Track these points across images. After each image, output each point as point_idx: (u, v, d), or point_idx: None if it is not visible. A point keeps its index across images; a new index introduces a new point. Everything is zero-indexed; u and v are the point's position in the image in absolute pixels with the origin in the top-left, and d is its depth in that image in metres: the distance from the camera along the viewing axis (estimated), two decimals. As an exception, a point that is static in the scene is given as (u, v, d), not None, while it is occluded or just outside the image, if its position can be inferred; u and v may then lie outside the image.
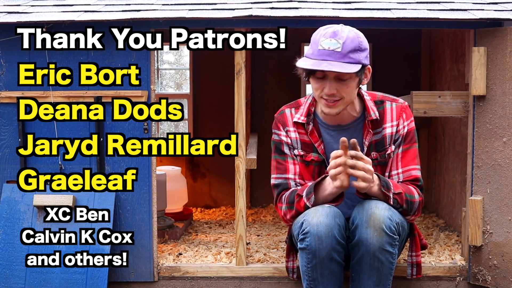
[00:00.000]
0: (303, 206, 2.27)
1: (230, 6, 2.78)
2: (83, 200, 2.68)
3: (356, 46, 2.15)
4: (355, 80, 2.21)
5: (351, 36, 2.16)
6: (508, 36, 2.56)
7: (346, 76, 2.17)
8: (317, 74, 2.20)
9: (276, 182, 2.42)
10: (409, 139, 2.38)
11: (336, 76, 2.17)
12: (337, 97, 2.20)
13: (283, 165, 2.42)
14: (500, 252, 2.63)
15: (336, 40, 2.14)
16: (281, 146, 2.43)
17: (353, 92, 2.24)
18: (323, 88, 2.21)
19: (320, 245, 2.14)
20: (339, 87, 2.19)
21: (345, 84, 2.19)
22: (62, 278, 2.60)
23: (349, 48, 2.14)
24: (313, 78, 2.23)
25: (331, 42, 2.14)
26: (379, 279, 2.19)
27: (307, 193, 2.26)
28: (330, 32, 2.17)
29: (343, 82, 2.19)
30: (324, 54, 2.14)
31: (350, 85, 2.20)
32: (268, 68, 4.39)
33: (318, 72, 2.18)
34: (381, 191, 2.20)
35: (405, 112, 2.38)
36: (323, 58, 2.14)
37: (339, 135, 2.35)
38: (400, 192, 2.25)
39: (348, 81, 2.19)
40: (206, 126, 4.42)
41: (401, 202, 2.25)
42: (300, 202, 2.28)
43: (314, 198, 2.25)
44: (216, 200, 4.47)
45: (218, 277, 2.79)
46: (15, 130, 2.71)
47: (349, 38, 2.15)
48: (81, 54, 2.68)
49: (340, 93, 2.20)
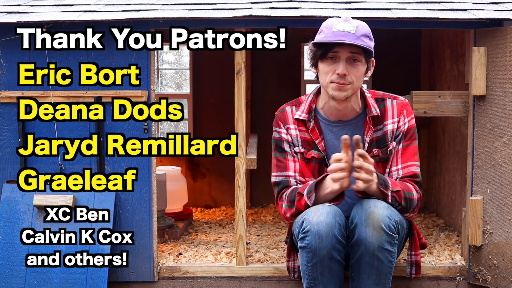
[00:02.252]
0: (304, 204, 2.27)
1: (230, 6, 2.79)
2: (83, 200, 2.68)
3: (367, 32, 2.26)
4: (364, 66, 2.28)
5: (362, 23, 2.28)
6: (508, 36, 2.56)
7: (358, 59, 2.24)
8: (329, 55, 2.24)
9: (277, 180, 2.42)
10: (410, 135, 2.39)
11: (349, 57, 2.23)
12: (347, 80, 2.24)
13: (283, 162, 2.42)
14: (500, 252, 2.63)
15: (350, 23, 2.23)
16: (281, 143, 2.43)
17: (361, 78, 2.30)
18: (334, 70, 2.24)
19: (321, 244, 2.14)
20: (350, 69, 2.24)
21: (356, 67, 2.25)
22: (62, 278, 2.60)
23: (362, 32, 2.24)
24: (323, 61, 2.27)
25: (345, 24, 2.23)
26: (378, 278, 2.19)
27: (308, 192, 2.26)
28: (343, 18, 2.27)
29: (354, 65, 2.25)
30: (339, 34, 2.21)
31: (360, 69, 2.26)
32: (268, 68, 4.39)
33: (330, 54, 2.23)
34: (379, 189, 2.21)
35: (406, 109, 2.40)
36: (338, 38, 2.20)
37: (340, 132, 2.36)
38: (399, 190, 2.25)
39: (358, 64, 2.25)
40: (206, 126, 4.42)
41: (400, 200, 2.25)
42: (300, 200, 2.29)
43: (315, 197, 2.25)
44: (216, 200, 4.47)
45: (218, 277, 2.79)
46: (15, 130, 2.71)
47: (361, 25, 2.26)
48: (81, 54, 2.68)
49: (350, 76, 2.24)
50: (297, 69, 4.39)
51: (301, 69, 4.39)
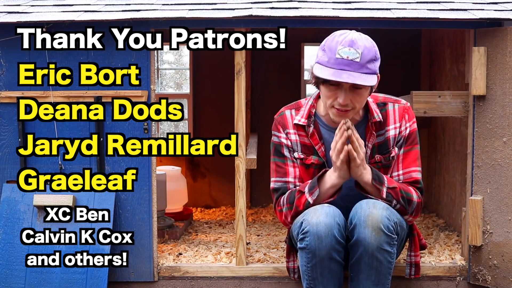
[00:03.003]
0: (304, 202, 2.27)
1: (230, 6, 2.78)
2: (83, 200, 2.68)
3: (372, 56, 2.14)
4: (367, 90, 2.20)
5: (368, 45, 2.14)
6: (508, 36, 2.56)
7: (362, 86, 2.15)
8: (332, 82, 2.16)
9: (276, 186, 2.41)
10: (411, 140, 2.37)
11: (352, 85, 2.15)
12: (350, 107, 2.19)
13: (282, 168, 2.40)
14: (500, 252, 2.63)
15: (355, 50, 2.10)
16: (281, 148, 2.41)
17: (364, 101, 2.24)
18: (336, 97, 2.18)
19: (320, 244, 2.14)
20: (352, 96, 2.17)
21: (359, 94, 2.17)
22: (62, 278, 2.60)
23: (367, 58, 2.12)
24: (326, 86, 2.19)
25: (350, 51, 2.10)
26: (378, 279, 2.19)
27: (310, 188, 2.26)
28: (348, 40, 2.12)
29: (357, 92, 2.16)
30: (342, 63, 2.10)
31: (363, 94, 2.19)
32: (268, 68, 4.39)
33: (334, 81, 2.14)
34: (372, 184, 2.21)
35: (407, 113, 2.38)
36: (341, 68, 2.10)
37: None
38: (395, 187, 2.25)
39: (362, 91, 2.17)
40: (206, 126, 4.42)
41: (396, 197, 2.24)
42: (301, 198, 2.28)
43: (318, 191, 2.24)
44: (216, 200, 4.47)
45: (218, 277, 2.79)
46: (15, 130, 2.71)
47: (367, 48, 2.12)
48: (81, 54, 2.68)
49: (353, 103, 2.18)
50: (297, 69, 4.39)
51: (301, 69, 4.39)
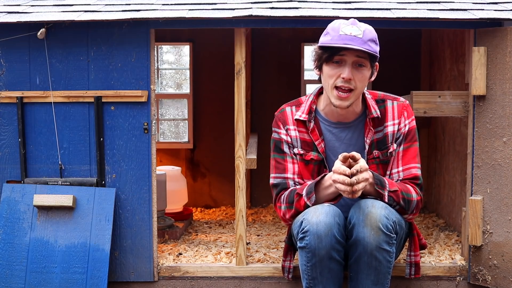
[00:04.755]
0: (303, 205, 2.27)
1: (230, 6, 2.78)
2: (83, 198, 2.67)
3: (373, 37, 2.24)
4: (369, 71, 2.26)
5: (369, 28, 2.26)
6: (508, 36, 2.56)
7: (364, 64, 2.22)
8: (335, 59, 2.22)
9: (275, 181, 2.42)
10: (410, 137, 2.39)
11: (354, 62, 2.21)
12: (352, 85, 2.22)
13: (282, 164, 2.41)
14: (500, 252, 2.63)
15: (357, 27, 2.21)
16: (280, 144, 2.42)
17: (365, 83, 2.28)
18: (339, 74, 2.22)
19: (320, 244, 2.14)
20: (355, 74, 2.22)
21: (361, 72, 2.23)
22: (62, 278, 2.60)
23: (369, 36, 2.21)
24: (329, 65, 2.25)
25: (353, 28, 2.20)
26: (377, 278, 2.19)
27: (308, 192, 2.26)
28: (350, 20, 2.24)
29: (359, 69, 2.22)
30: (346, 38, 2.18)
31: (364, 74, 2.24)
32: (268, 68, 4.39)
33: (337, 56, 2.21)
34: (375, 189, 2.21)
35: (406, 110, 2.40)
36: (345, 42, 2.17)
37: (341, 133, 2.36)
38: (396, 190, 2.25)
39: (364, 69, 2.23)
40: (206, 126, 4.42)
41: (397, 200, 2.25)
42: (300, 201, 2.28)
43: (315, 197, 2.25)
44: (216, 200, 4.47)
45: (218, 277, 2.79)
46: (15, 130, 2.71)
47: (368, 29, 2.25)
48: (81, 54, 2.68)
49: (355, 81, 2.22)
50: (297, 69, 4.39)
51: (301, 69, 4.39)
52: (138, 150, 2.71)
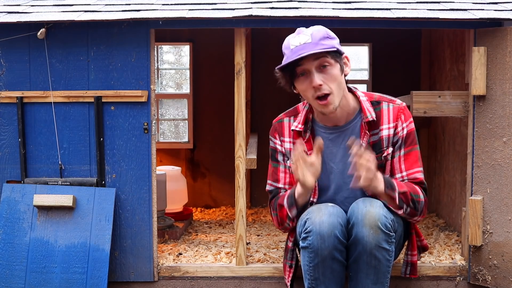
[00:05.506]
0: (286, 215, 2.35)
1: (230, 6, 2.78)
2: (83, 198, 2.67)
3: (324, 34, 2.23)
4: (336, 67, 2.23)
5: (316, 28, 2.26)
6: (508, 36, 2.56)
7: (327, 63, 2.20)
8: (300, 74, 2.23)
9: (270, 188, 2.50)
10: (410, 141, 2.37)
11: (317, 66, 2.20)
12: (326, 90, 2.21)
13: (276, 173, 2.48)
14: (500, 252, 2.63)
15: (304, 34, 2.22)
16: (275, 154, 2.48)
17: (340, 82, 2.25)
18: (311, 85, 2.22)
19: (323, 244, 2.14)
20: (323, 77, 2.21)
21: (328, 73, 2.21)
22: (62, 278, 2.60)
23: (319, 36, 2.21)
24: (298, 82, 2.26)
25: (300, 37, 2.22)
26: (377, 277, 2.19)
27: (289, 205, 2.33)
28: (296, 32, 2.25)
29: (325, 71, 2.21)
30: (297, 50, 2.19)
31: (332, 72, 2.22)
32: (268, 68, 4.37)
33: (300, 71, 2.22)
34: (385, 192, 2.21)
35: (403, 113, 2.36)
36: (298, 53, 2.18)
37: (338, 138, 2.36)
38: (405, 191, 2.25)
39: (329, 68, 2.21)
40: (206, 126, 4.42)
41: (407, 202, 2.25)
42: (282, 211, 2.36)
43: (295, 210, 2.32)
44: (216, 200, 4.47)
45: (218, 277, 2.79)
46: (15, 130, 2.71)
47: (315, 30, 2.24)
48: (81, 54, 2.68)
49: (327, 84, 2.21)
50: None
51: (301, 69, 4.38)
52: (138, 150, 2.71)
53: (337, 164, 2.37)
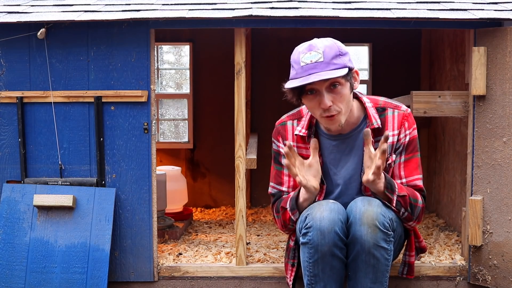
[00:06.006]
0: (288, 218, 2.35)
1: (230, 6, 2.78)
2: (83, 198, 2.67)
3: (336, 52, 2.14)
4: (346, 87, 2.18)
5: (329, 44, 2.16)
6: (508, 36, 2.56)
7: (337, 82, 2.15)
8: (308, 91, 2.17)
9: (272, 191, 2.48)
10: (412, 148, 2.35)
11: (328, 86, 2.15)
12: (334, 111, 2.18)
13: (279, 176, 2.46)
14: (500, 252, 2.63)
15: (316, 52, 2.13)
16: (279, 157, 2.46)
17: (348, 100, 2.22)
18: (319, 104, 2.17)
19: (323, 240, 2.14)
20: (333, 98, 2.16)
21: (339, 93, 2.16)
22: (62, 278, 2.60)
23: (331, 55, 2.13)
24: (306, 98, 2.21)
25: (311, 55, 2.13)
26: (375, 276, 2.19)
27: (291, 208, 2.33)
28: (307, 46, 2.16)
29: (336, 91, 2.16)
30: (308, 68, 2.13)
31: (343, 92, 2.17)
32: (268, 68, 4.39)
33: (308, 88, 2.16)
34: (385, 192, 2.21)
35: (407, 120, 2.34)
36: (309, 73, 2.12)
37: (341, 144, 2.35)
38: (405, 195, 2.25)
39: (340, 88, 2.16)
40: (206, 126, 4.42)
41: (405, 205, 2.25)
42: (285, 214, 2.36)
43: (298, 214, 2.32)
44: (216, 200, 4.47)
45: (218, 277, 2.79)
46: (15, 130, 2.71)
47: (327, 47, 2.14)
48: (81, 54, 2.68)
49: (336, 104, 2.17)
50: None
51: (301, 69, 4.39)
52: (138, 150, 2.71)
53: (340, 170, 2.37)
